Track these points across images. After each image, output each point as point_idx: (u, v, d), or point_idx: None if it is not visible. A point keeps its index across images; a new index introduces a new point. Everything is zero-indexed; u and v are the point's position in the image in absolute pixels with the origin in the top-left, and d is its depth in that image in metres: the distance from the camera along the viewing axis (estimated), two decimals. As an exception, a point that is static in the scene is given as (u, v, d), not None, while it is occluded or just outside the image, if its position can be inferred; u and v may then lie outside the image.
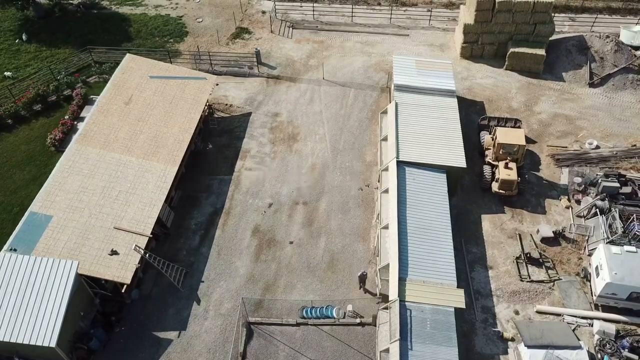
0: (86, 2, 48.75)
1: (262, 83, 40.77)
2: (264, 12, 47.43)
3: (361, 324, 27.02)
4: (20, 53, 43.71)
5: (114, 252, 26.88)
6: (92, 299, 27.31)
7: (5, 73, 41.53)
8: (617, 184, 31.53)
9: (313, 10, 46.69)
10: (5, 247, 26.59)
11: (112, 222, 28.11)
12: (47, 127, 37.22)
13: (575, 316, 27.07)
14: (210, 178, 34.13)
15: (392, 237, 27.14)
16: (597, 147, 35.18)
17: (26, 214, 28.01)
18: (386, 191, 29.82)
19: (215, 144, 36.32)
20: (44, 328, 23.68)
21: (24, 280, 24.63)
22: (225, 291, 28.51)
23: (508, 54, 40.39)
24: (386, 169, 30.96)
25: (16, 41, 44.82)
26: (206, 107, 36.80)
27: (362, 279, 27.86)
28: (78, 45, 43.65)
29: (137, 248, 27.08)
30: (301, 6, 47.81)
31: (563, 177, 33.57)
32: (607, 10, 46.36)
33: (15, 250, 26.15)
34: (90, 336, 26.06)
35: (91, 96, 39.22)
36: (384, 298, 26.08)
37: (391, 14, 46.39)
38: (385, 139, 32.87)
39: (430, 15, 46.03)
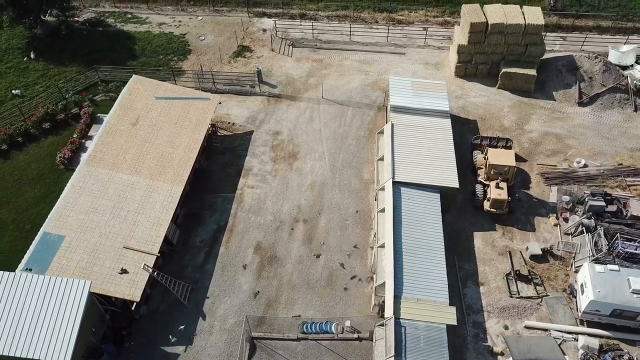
0: (92, 20, 50.16)
1: (264, 101, 42.19)
2: (264, 30, 48.82)
3: (359, 339, 28.44)
4: (28, 71, 45.10)
5: (124, 271, 28.30)
6: (103, 315, 28.71)
7: (13, 91, 42.91)
8: (603, 203, 33.01)
9: (312, 29, 48.08)
10: (21, 266, 28.03)
11: (122, 242, 29.53)
12: (56, 146, 38.60)
13: (562, 331, 28.57)
14: (213, 196, 35.54)
15: (387, 256, 28.59)
16: (585, 165, 36.64)
17: (39, 234, 29.44)
18: (382, 210, 31.28)
19: (218, 162, 37.73)
20: (59, 345, 25.08)
21: (39, 299, 26.02)
22: (230, 307, 29.93)
23: (500, 73, 41.87)
24: (383, 189, 32.41)
25: (24, 59, 46.18)
26: (209, 126, 38.17)
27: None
28: (84, 63, 45.03)
29: (146, 267, 28.47)
30: (300, 24, 49.23)
31: (552, 195, 35.03)
32: (597, 29, 47.83)
33: (30, 270, 27.57)
34: (101, 351, 27.50)
35: (98, 114, 40.57)
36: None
37: (388, 32, 47.81)
38: (381, 158, 34.33)
39: (426, 34, 47.45)
